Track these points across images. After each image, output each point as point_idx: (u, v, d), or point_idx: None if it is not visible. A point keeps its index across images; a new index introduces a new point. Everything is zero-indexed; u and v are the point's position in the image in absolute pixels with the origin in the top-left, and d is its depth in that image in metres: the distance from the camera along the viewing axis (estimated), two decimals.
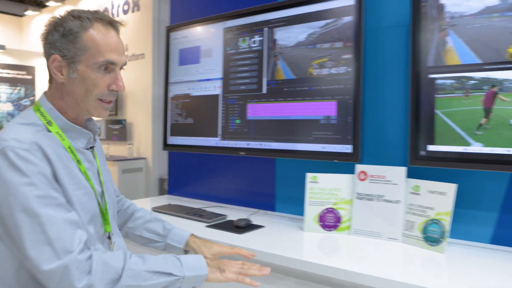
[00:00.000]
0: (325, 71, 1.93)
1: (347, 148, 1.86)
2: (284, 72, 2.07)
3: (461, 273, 1.40)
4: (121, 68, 1.21)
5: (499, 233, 1.65)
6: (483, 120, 1.55)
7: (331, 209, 1.84)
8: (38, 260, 1.00)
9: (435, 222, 1.59)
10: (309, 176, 1.89)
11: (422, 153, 1.70)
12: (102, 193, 1.26)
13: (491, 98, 1.54)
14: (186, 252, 1.49)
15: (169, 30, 2.59)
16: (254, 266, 1.24)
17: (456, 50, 1.63)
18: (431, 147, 1.68)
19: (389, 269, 1.41)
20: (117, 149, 5.62)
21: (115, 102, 5.47)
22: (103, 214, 1.24)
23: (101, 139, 4.75)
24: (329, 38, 1.93)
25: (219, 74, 2.33)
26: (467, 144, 1.60)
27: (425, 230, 1.62)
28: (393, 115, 1.85)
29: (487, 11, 1.57)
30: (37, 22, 7.35)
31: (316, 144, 1.95)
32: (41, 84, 6.19)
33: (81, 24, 1.13)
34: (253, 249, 1.61)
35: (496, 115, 1.54)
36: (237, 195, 2.41)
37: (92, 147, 1.27)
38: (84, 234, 1.08)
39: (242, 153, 2.22)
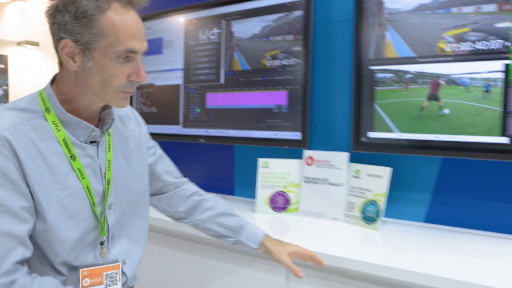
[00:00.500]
0: (277, 63, 2.04)
1: (297, 135, 1.98)
2: (240, 63, 2.17)
3: (394, 248, 1.54)
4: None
5: (432, 212, 1.80)
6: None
7: (281, 192, 1.96)
8: None
9: (372, 202, 1.73)
10: (261, 161, 2.01)
11: (363, 139, 1.83)
12: (105, 193, 1.12)
13: (436, 87, 1.67)
14: (255, 250, 1.40)
15: None
16: None
17: (394, 44, 1.76)
18: (371, 134, 1.81)
19: (330, 246, 1.53)
20: None
21: None
22: (98, 217, 1.10)
23: None
24: (281, 31, 2.04)
25: (180, 64, 2.43)
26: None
27: (363, 210, 1.76)
28: (340, 104, 1.98)
29: (421, 8, 1.70)
30: (10, 9, 7.26)
31: (269, 131, 2.07)
32: (14, 73, 6.17)
33: (96, 4, 0.97)
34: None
35: (427, 108, 1.68)
36: (198, 180, 2.49)
37: (95, 142, 1.11)
38: (24, 252, 0.98)
39: (202, 140, 2.32)
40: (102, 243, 1.12)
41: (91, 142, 1.10)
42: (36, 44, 6.01)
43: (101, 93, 1.04)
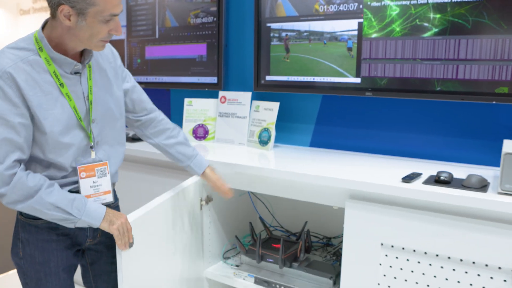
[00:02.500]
0: (198, 20, 2.51)
1: (214, 80, 2.48)
2: (170, 20, 2.63)
3: (281, 159, 2.10)
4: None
5: (315, 139, 2.35)
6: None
7: (201, 125, 2.48)
8: None
9: (265, 130, 2.27)
10: (186, 100, 2.51)
11: (262, 81, 2.34)
12: (89, 110, 1.46)
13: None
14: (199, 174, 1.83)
15: None
16: (126, 238, 1.50)
17: (283, 5, 2.24)
18: (268, 77, 2.32)
19: (237, 159, 2.07)
20: None
21: None
22: (85, 129, 1.46)
23: None
24: None
25: (123, 22, 2.85)
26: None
27: (259, 136, 2.29)
28: (248, 53, 2.46)
29: None
30: None
31: (193, 77, 2.56)
32: None
33: None
34: (144, 150, 2.25)
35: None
36: None
37: (78, 73, 1.43)
38: (20, 155, 1.33)
39: (142, 86, 2.78)
40: (91, 147, 1.50)
41: (75, 73, 1.43)
42: None
43: (87, 43, 1.37)
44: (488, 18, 1.77)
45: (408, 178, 1.65)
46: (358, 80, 2.08)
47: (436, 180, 1.62)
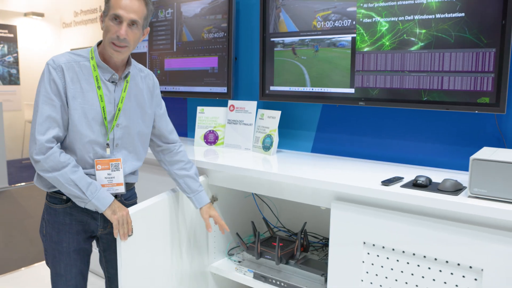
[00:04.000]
0: (211, 35, 2.72)
1: (224, 89, 2.68)
2: (186, 35, 2.86)
3: (280, 165, 2.25)
4: (133, 24, 1.63)
5: (317, 145, 2.51)
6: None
7: (212, 131, 2.69)
8: (32, 129, 1.61)
9: (268, 136, 2.44)
10: (199, 108, 2.73)
11: (267, 91, 2.52)
12: (115, 115, 1.72)
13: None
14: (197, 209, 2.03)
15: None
16: (125, 229, 1.72)
17: (285, 22, 2.42)
18: (272, 88, 2.50)
19: (243, 163, 2.23)
20: None
21: None
22: (106, 127, 1.71)
23: None
24: (214, 11, 2.70)
25: (146, 36, 3.10)
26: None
27: (263, 142, 2.47)
28: (255, 66, 2.66)
29: None
30: None
31: (206, 87, 2.77)
32: (22, 41, 6.83)
33: None
34: None
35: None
36: None
37: (114, 82, 1.71)
38: (59, 132, 1.61)
39: (162, 94, 3.03)
40: (107, 145, 1.74)
41: (112, 82, 1.73)
42: (41, 15, 6.68)
43: (104, 45, 1.65)
44: (469, 33, 1.89)
45: (388, 182, 1.79)
46: (352, 90, 2.23)
47: (414, 184, 1.75)
